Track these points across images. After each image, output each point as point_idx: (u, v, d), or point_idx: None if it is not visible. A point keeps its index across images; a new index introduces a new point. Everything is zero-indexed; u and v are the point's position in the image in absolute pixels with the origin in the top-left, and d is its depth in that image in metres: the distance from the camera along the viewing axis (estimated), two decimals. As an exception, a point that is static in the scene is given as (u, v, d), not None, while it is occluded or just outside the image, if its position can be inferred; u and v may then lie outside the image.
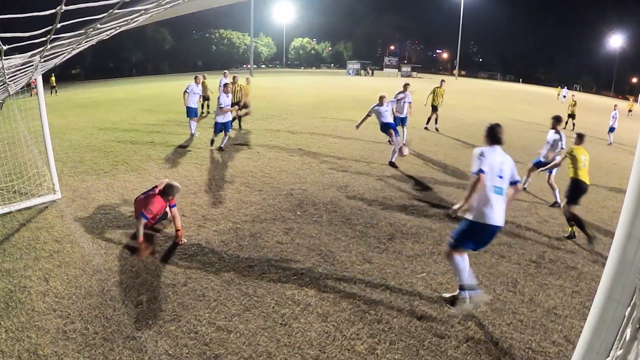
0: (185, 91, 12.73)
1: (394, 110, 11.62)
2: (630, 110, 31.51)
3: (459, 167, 10.16)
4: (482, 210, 4.04)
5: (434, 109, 14.99)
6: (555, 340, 3.86)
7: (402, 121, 12.03)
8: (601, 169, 11.26)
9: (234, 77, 13.91)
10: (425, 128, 15.09)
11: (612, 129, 16.90)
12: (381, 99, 9.41)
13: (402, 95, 11.87)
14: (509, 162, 4.26)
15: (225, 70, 16.64)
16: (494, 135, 4.36)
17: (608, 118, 18.10)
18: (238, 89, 13.24)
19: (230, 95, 10.98)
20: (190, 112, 12.70)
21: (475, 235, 4.15)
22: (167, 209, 5.81)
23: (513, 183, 4.27)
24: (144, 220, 5.36)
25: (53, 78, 30.38)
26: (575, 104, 19.76)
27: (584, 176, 6.48)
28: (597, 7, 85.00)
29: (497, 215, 4.05)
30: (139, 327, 3.86)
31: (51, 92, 28.95)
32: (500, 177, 4.13)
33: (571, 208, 6.22)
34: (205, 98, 16.57)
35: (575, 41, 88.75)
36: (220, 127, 10.76)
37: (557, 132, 7.92)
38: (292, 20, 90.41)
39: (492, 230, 4.14)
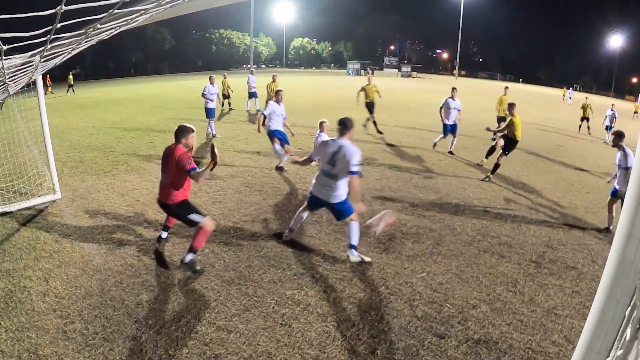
0: (203, 93, 12.81)
1: (442, 116, 11.21)
2: (635, 112, 31.40)
3: (459, 168, 10.16)
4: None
5: (369, 106, 13.98)
6: (555, 340, 3.86)
7: (452, 129, 11.42)
8: (601, 169, 11.24)
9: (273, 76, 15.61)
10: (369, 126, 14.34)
11: (608, 128, 16.67)
12: (321, 124, 7.89)
13: (450, 100, 11.26)
14: (342, 152, 4.93)
15: (252, 69, 17.43)
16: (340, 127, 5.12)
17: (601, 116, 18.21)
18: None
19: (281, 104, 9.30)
20: (209, 113, 12.79)
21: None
22: None
23: (351, 173, 4.88)
24: (197, 170, 4.65)
25: (71, 77, 29.89)
26: (589, 107, 19.24)
27: None
28: (597, 7, 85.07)
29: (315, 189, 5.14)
30: (139, 327, 3.86)
31: (67, 91, 28.73)
32: (331, 164, 4.96)
33: None
34: (225, 96, 16.84)
35: (575, 41, 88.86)
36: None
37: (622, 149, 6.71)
38: (292, 20, 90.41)
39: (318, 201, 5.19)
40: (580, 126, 18.79)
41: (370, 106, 14.03)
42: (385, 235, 5.97)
